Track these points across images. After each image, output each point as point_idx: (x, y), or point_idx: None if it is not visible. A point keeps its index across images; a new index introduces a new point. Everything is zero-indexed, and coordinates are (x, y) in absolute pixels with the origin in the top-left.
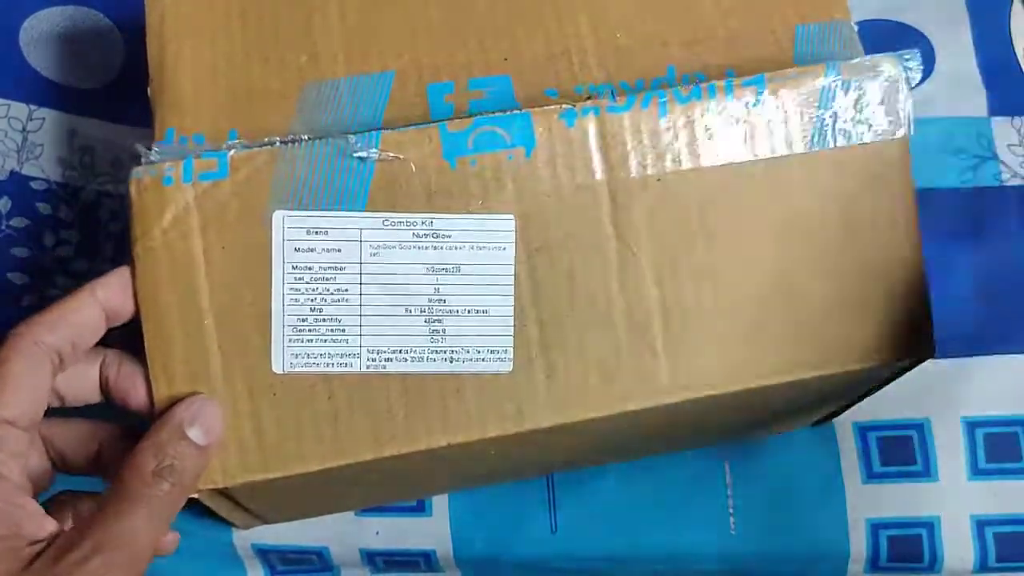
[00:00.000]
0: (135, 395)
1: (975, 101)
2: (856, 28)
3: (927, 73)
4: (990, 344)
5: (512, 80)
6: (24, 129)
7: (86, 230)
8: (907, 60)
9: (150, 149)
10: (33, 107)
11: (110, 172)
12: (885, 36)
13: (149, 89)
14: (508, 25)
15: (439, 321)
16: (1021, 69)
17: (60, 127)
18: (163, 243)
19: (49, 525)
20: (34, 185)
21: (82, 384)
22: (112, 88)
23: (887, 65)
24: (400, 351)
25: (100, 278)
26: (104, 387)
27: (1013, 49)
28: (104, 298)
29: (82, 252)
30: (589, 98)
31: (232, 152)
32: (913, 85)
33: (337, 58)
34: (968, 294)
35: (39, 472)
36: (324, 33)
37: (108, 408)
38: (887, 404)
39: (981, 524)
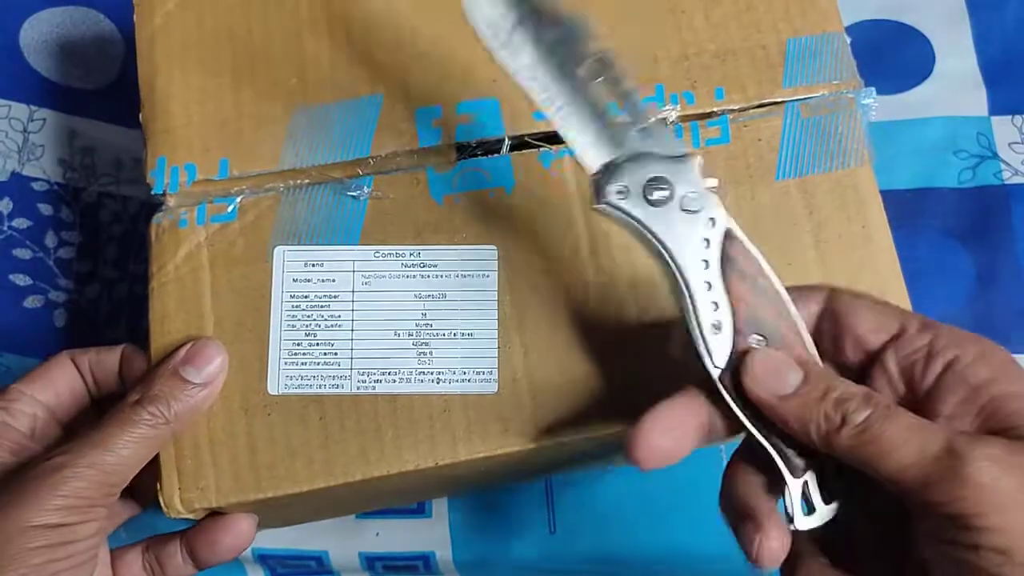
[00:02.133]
0: (139, 374)
1: (975, 100)
2: (849, 40)
3: (927, 73)
4: None
5: (500, 103)
6: (25, 130)
7: (88, 231)
8: (863, 97)
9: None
10: (34, 108)
11: (111, 173)
12: (885, 36)
13: (140, 115)
14: None
15: (426, 344)
16: None
17: (61, 128)
18: (175, 277)
19: None
20: (35, 186)
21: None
22: (112, 89)
23: (845, 101)
24: (389, 373)
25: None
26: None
27: None
28: (127, 353)
29: (84, 253)
30: None
31: (241, 198)
32: (871, 118)
33: (326, 80)
34: (968, 294)
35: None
36: (314, 53)
37: None
38: None
39: None
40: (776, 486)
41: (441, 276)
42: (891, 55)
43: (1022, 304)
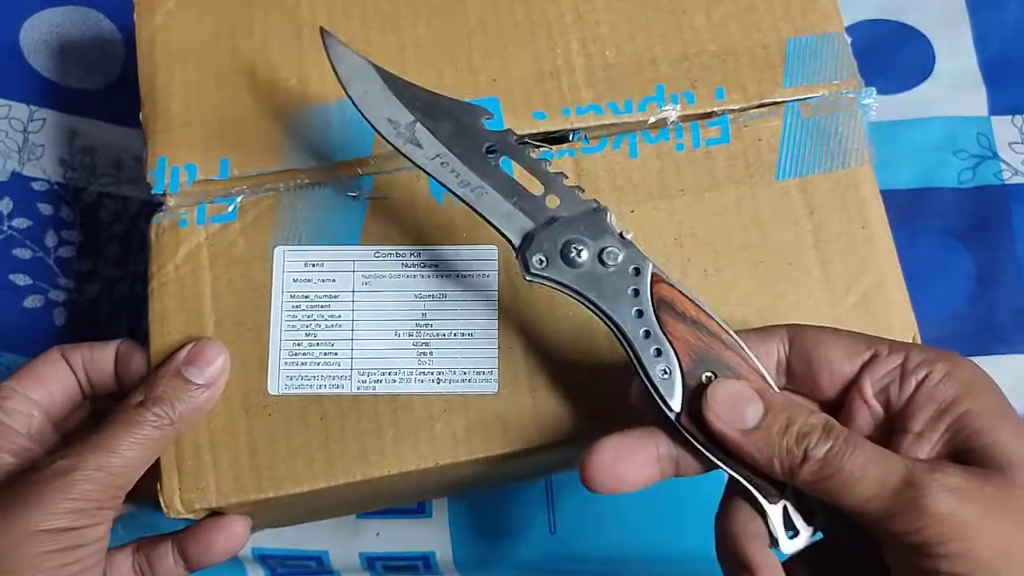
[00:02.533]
0: (137, 372)
1: (975, 100)
2: (849, 40)
3: (927, 73)
4: (990, 344)
5: (501, 103)
6: (25, 130)
7: (88, 230)
8: (864, 97)
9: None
10: (34, 107)
11: (111, 173)
12: (885, 36)
13: (141, 114)
14: (498, 43)
15: (426, 344)
16: None
17: (61, 128)
18: (175, 277)
19: None
20: (35, 186)
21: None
22: (112, 89)
23: (845, 101)
24: (389, 373)
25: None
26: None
27: None
28: (122, 350)
29: (84, 253)
30: (574, 130)
31: (241, 198)
32: (871, 118)
33: (326, 80)
34: (968, 294)
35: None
36: (314, 52)
37: None
38: None
39: None
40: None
41: (441, 276)
42: (891, 55)
43: (1022, 304)
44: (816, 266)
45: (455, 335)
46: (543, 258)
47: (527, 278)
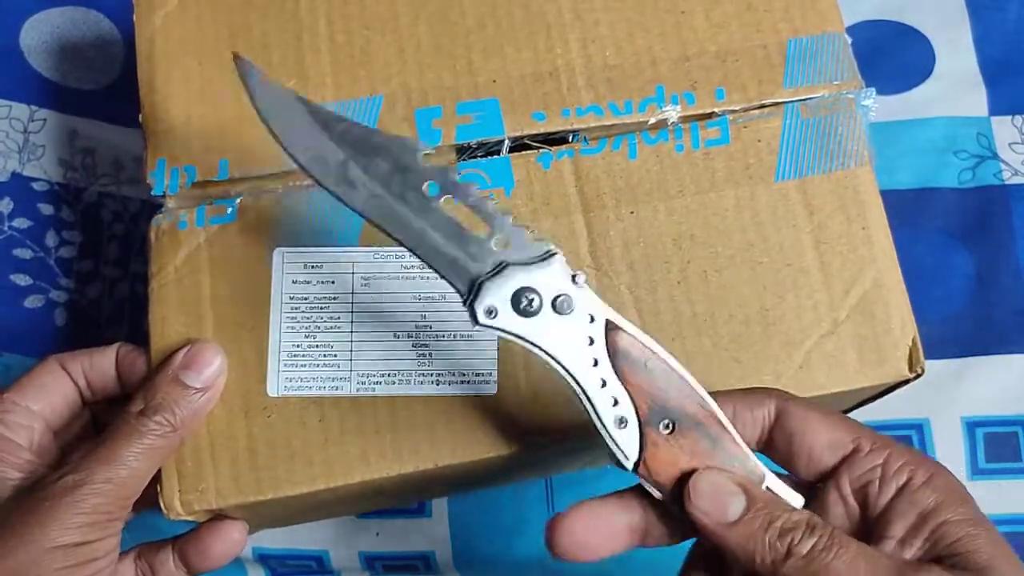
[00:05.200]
0: (140, 375)
1: (975, 100)
2: (850, 40)
3: (927, 73)
4: (989, 344)
5: (500, 103)
6: (26, 130)
7: (88, 231)
8: (863, 97)
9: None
10: (34, 108)
11: (111, 173)
12: (885, 36)
13: (140, 116)
14: (497, 44)
15: (425, 346)
16: None
17: (61, 128)
18: (175, 279)
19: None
20: (36, 186)
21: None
22: (113, 89)
23: (845, 102)
24: (388, 375)
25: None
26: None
27: None
28: (122, 354)
29: (85, 253)
30: (574, 131)
31: (240, 199)
32: (871, 118)
33: (326, 81)
34: (968, 294)
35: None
36: (313, 54)
37: None
38: (886, 405)
39: None
40: None
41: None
42: (891, 55)
43: (1022, 304)
44: (816, 267)
45: (454, 336)
46: (492, 307)
47: (475, 327)
